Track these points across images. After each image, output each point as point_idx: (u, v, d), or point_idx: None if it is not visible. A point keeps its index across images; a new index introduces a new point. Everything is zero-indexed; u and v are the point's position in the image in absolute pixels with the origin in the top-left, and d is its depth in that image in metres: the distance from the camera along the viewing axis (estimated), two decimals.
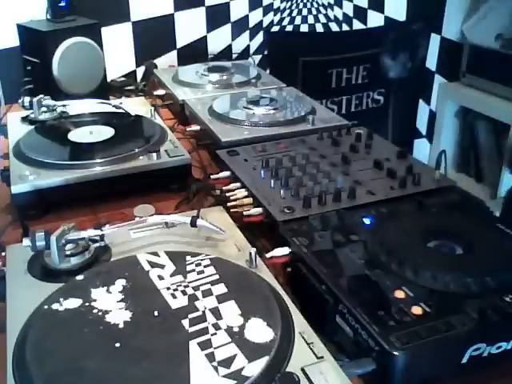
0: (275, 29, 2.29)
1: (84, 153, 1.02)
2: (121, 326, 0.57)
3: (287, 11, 2.30)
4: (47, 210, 0.93)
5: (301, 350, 0.54)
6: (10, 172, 0.93)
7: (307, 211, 0.81)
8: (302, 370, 0.52)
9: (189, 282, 0.64)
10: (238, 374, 0.50)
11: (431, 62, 2.54)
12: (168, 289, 0.63)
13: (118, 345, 0.54)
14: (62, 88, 1.38)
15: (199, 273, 0.66)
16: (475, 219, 0.77)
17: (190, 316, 0.58)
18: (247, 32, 2.22)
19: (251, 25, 2.22)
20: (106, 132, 1.09)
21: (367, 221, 0.78)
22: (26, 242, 0.69)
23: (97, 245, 0.72)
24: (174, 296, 0.61)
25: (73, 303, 0.60)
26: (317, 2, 2.33)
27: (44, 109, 1.19)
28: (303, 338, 0.56)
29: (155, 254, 0.70)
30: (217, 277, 0.65)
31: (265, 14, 2.24)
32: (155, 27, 1.95)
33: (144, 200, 0.91)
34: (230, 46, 2.18)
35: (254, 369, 0.51)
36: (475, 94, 2.33)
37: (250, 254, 0.68)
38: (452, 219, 0.78)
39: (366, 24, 2.44)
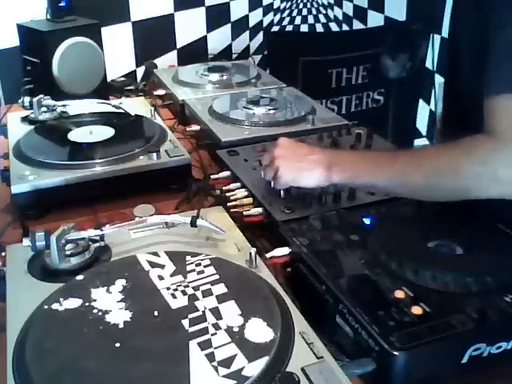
0: (275, 29, 2.29)
1: (84, 153, 1.02)
2: (121, 325, 0.57)
3: (287, 11, 2.30)
4: (47, 210, 0.93)
5: (301, 350, 0.54)
6: (10, 172, 0.93)
7: (307, 211, 0.81)
8: (302, 370, 0.52)
9: (189, 282, 0.64)
10: (238, 373, 0.50)
11: (431, 62, 2.54)
12: (168, 289, 0.63)
13: (118, 345, 0.54)
14: (62, 88, 1.38)
15: (199, 273, 0.66)
16: (475, 219, 0.77)
17: (190, 316, 0.58)
18: (247, 32, 2.22)
19: (251, 25, 2.22)
20: (106, 132, 1.09)
21: (367, 221, 0.78)
22: (26, 242, 0.69)
23: (97, 245, 0.72)
24: (173, 296, 0.61)
25: (73, 303, 0.60)
26: (317, 2, 2.34)
27: (44, 109, 1.19)
28: (303, 338, 0.56)
29: (155, 254, 0.70)
30: (217, 277, 0.65)
31: (265, 14, 2.24)
32: (155, 27, 1.94)
33: (144, 200, 0.91)
34: (230, 46, 2.18)
35: (254, 369, 0.51)
36: None
37: (250, 254, 0.68)
38: (452, 219, 0.78)
39: (366, 24, 2.44)
